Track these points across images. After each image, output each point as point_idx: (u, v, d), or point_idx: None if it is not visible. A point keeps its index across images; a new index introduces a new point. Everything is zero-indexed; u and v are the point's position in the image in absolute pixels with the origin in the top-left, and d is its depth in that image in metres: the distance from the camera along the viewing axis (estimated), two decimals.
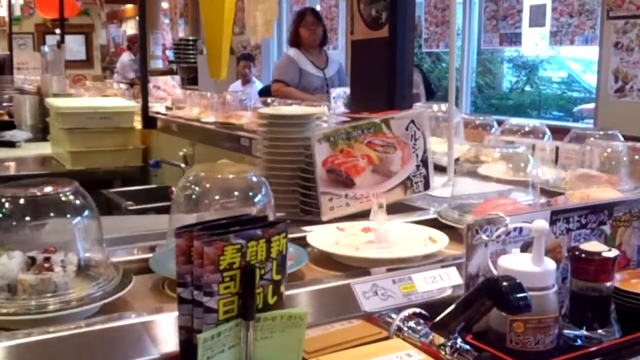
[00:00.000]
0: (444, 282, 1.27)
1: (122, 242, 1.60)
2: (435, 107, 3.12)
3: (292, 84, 5.36)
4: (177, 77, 6.60)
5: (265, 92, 6.70)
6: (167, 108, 4.93)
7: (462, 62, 6.89)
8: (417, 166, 1.71)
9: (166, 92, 5.72)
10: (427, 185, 1.71)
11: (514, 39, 6.45)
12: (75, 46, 14.72)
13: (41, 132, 5.12)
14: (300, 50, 5.46)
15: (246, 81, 8.52)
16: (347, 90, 3.76)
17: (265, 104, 3.98)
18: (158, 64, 12.69)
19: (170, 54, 12.05)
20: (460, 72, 6.81)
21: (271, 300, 0.90)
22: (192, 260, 0.85)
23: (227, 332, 0.85)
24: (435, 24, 7.18)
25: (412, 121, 1.68)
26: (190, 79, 9.97)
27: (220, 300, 0.84)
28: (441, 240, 1.50)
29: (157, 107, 5.04)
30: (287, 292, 0.95)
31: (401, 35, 2.26)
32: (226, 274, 0.84)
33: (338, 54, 8.39)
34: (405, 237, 1.54)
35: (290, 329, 0.90)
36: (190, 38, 11.01)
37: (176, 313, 0.89)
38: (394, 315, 1.16)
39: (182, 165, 3.75)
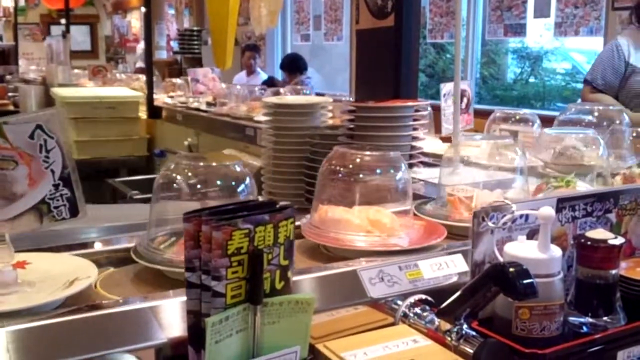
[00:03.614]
0: (449, 269, 1.27)
1: (127, 230, 1.61)
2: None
3: (609, 88, 3.51)
4: (217, 70, 5.63)
5: (268, 84, 6.69)
6: (209, 104, 4.39)
7: (466, 53, 6.88)
8: (56, 186, 1.28)
9: (206, 85, 5.08)
10: (74, 210, 1.28)
11: (519, 29, 6.43)
12: (80, 36, 14.73)
13: None
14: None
15: (251, 72, 8.51)
16: None
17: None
18: (162, 54, 12.69)
19: (174, 44, 12.03)
20: (465, 63, 6.78)
21: (278, 285, 0.90)
22: (201, 245, 0.85)
23: (234, 316, 0.86)
24: (439, 14, 7.16)
25: (40, 127, 1.24)
26: None
27: (228, 284, 0.85)
28: (79, 284, 1.14)
29: (195, 103, 4.51)
30: (294, 278, 0.95)
31: (407, 24, 2.26)
32: (234, 258, 0.84)
33: (342, 45, 8.38)
34: (48, 277, 1.20)
35: (297, 314, 0.91)
36: (195, 28, 11.00)
37: (184, 298, 0.90)
38: (400, 302, 1.16)
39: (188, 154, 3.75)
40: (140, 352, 0.97)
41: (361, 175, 1.52)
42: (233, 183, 1.39)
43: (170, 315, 1.03)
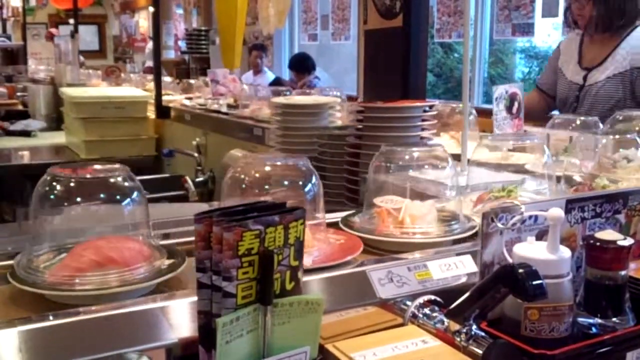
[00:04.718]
0: (459, 269, 1.27)
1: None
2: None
3: (547, 88, 3.53)
4: (237, 70, 5.33)
5: (275, 85, 6.68)
6: (230, 106, 4.20)
7: (474, 52, 6.88)
8: None
9: (226, 87, 4.83)
10: None
11: (527, 29, 6.41)
12: (88, 36, 14.78)
13: (55, 122, 5.17)
14: (584, 36, 3.40)
15: (258, 71, 8.53)
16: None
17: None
18: (170, 54, 12.72)
19: (182, 44, 12.06)
20: (473, 63, 6.78)
21: (289, 286, 0.91)
22: (211, 245, 0.86)
23: (245, 316, 0.86)
24: (447, 14, 7.15)
25: None
26: (202, 70, 9.99)
27: (238, 285, 0.85)
28: None
29: (215, 105, 4.31)
30: (304, 279, 0.96)
31: (415, 24, 2.26)
32: (245, 259, 0.85)
33: (350, 44, 8.38)
34: None
35: (307, 314, 0.91)
36: (203, 28, 11.02)
37: (194, 298, 0.90)
38: (409, 302, 1.16)
39: (195, 154, 3.77)
40: (151, 351, 0.98)
41: (267, 186, 1.41)
42: (118, 196, 1.29)
43: (181, 316, 1.04)
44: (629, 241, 1.13)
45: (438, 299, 1.17)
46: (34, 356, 0.93)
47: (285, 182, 1.42)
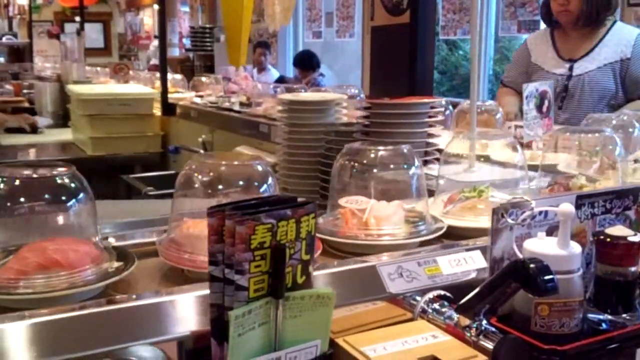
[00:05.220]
0: (468, 265, 1.27)
1: (145, 225, 1.62)
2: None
3: (515, 85, 3.46)
4: (249, 67, 5.38)
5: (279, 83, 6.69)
6: (242, 104, 4.11)
7: (479, 49, 6.87)
8: None
9: (238, 84, 4.72)
10: None
11: (532, 26, 6.39)
12: (93, 34, 14.80)
13: (62, 119, 5.20)
14: (555, 31, 3.48)
15: (262, 69, 8.54)
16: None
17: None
18: (175, 52, 12.74)
19: (187, 42, 12.08)
20: (479, 60, 6.76)
21: (300, 280, 0.91)
22: (224, 239, 0.86)
23: (257, 309, 0.86)
24: (452, 11, 7.13)
25: None
26: (207, 67, 10.01)
27: (251, 278, 0.85)
28: None
29: (226, 103, 4.25)
30: (314, 273, 0.96)
31: (422, 20, 2.25)
32: (257, 252, 0.85)
33: (354, 42, 8.37)
34: None
35: (318, 308, 0.91)
36: (207, 26, 11.03)
37: (205, 292, 0.91)
38: (418, 297, 1.17)
39: (201, 151, 3.78)
40: (163, 344, 0.98)
41: (220, 187, 1.35)
42: (64, 197, 1.23)
43: (193, 309, 1.04)
44: (639, 237, 1.13)
45: (448, 294, 1.17)
46: (45, 349, 0.94)
47: (240, 183, 1.37)
